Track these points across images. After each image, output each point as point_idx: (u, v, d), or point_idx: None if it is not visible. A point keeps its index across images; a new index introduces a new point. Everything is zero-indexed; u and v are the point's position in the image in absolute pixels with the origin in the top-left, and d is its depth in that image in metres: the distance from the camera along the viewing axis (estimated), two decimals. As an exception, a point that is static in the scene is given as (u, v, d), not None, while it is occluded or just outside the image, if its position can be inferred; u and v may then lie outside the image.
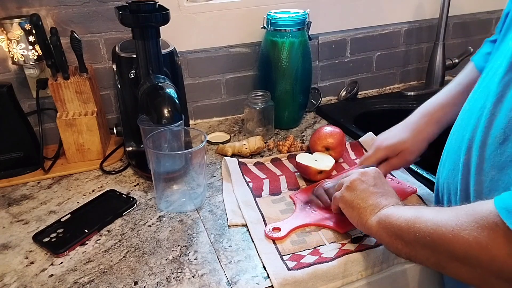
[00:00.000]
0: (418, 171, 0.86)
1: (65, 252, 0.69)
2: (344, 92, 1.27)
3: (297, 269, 0.62)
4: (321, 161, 0.85)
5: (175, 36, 1.00)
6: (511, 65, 0.51)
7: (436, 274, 0.74)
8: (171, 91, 0.74)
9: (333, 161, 0.87)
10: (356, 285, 0.66)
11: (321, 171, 0.84)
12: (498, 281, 0.45)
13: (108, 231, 0.74)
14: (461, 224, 0.46)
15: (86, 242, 0.72)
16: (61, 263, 0.67)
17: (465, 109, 0.63)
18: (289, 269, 0.62)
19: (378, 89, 1.35)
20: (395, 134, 0.79)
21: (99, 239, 0.72)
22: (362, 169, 0.68)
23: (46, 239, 0.71)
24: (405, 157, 0.77)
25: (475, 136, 0.56)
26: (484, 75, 0.61)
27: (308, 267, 0.62)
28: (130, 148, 0.95)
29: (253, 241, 0.69)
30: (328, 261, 0.64)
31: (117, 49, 0.90)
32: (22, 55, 0.90)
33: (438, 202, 0.69)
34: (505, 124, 0.51)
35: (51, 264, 0.67)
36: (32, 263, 0.67)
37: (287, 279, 0.61)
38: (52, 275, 0.65)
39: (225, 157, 0.93)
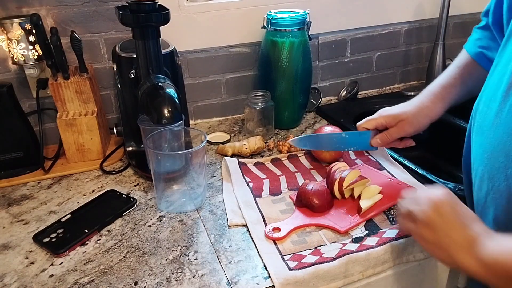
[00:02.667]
0: (418, 171, 0.86)
1: (65, 252, 0.69)
2: (344, 92, 1.27)
3: (298, 269, 0.62)
4: None
5: (175, 36, 1.00)
6: None
7: (442, 271, 0.75)
8: (171, 91, 0.74)
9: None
10: (357, 285, 0.67)
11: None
12: None
13: (108, 231, 0.74)
14: None
15: (86, 242, 0.72)
16: (62, 263, 0.67)
17: (487, 86, 0.63)
18: (290, 269, 0.62)
19: (378, 89, 1.35)
20: (398, 107, 0.81)
21: (99, 239, 0.72)
22: (434, 197, 0.57)
23: (46, 239, 0.71)
24: (404, 127, 0.78)
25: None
26: (502, 60, 0.60)
27: (309, 267, 0.62)
28: (130, 148, 0.95)
29: (253, 241, 0.69)
30: (329, 261, 0.64)
31: (117, 49, 0.90)
32: (22, 55, 0.90)
33: (469, 180, 0.66)
34: None
35: (52, 264, 0.67)
36: (32, 263, 0.67)
37: (288, 279, 0.61)
38: (52, 275, 0.65)
39: (225, 157, 0.93)
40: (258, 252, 0.67)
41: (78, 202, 0.82)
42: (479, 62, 0.76)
